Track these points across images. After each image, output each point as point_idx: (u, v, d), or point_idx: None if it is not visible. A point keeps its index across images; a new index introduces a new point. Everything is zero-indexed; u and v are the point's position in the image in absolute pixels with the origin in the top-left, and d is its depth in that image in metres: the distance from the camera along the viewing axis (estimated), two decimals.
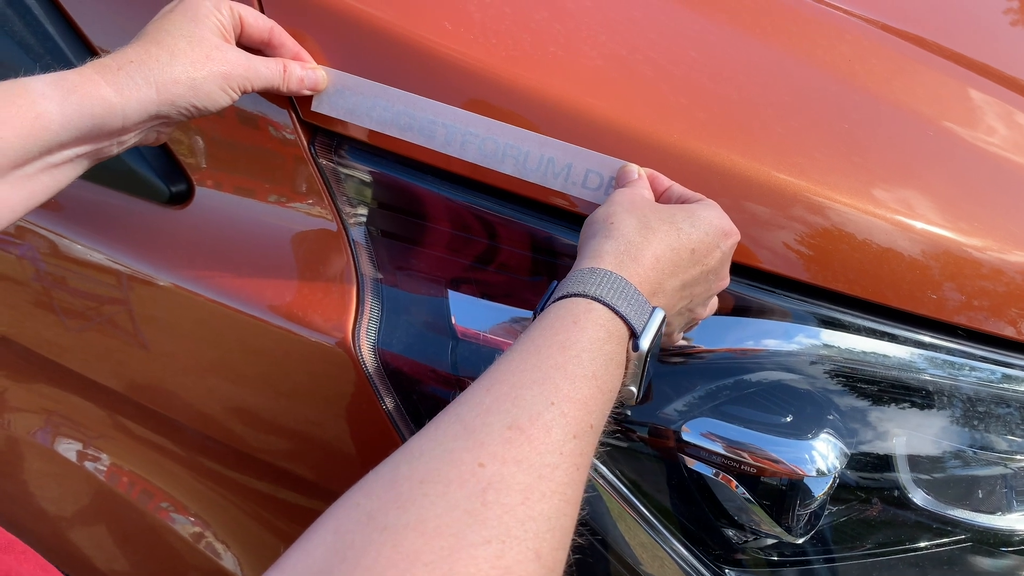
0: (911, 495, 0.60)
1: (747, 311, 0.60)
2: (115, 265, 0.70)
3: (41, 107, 0.48)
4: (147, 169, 0.68)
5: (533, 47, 0.62)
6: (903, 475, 0.60)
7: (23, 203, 0.52)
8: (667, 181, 0.57)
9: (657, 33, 0.67)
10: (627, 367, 0.47)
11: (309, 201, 0.65)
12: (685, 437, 0.58)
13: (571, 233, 0.60)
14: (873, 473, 0.60)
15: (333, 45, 0.62)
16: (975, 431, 0.61)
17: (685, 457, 0.59)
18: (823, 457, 0.57)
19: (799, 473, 0.56)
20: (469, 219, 0.63)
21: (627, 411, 0.60)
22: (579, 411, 0.40)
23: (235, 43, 0.58)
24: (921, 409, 0.60)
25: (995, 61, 0.82)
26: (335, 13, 0.61)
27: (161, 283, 0.68)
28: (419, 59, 0.60)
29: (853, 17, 0.80)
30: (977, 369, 0.61)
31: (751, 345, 0.59)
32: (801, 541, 0.59)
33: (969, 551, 0.62)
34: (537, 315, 0.47)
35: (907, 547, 0.61)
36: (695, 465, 0.59)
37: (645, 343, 0.46)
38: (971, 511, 0.61)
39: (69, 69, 0.51)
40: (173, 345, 0.71)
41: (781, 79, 0.67)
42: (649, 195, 0.55)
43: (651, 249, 0.49)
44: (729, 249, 0.53)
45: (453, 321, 0.62)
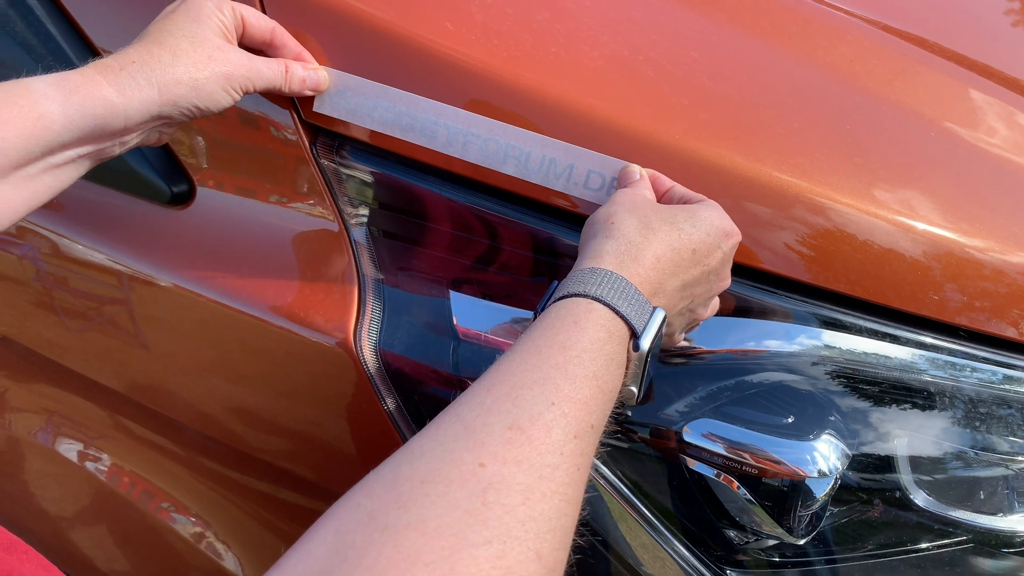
0: (912, 496, 0.60)
1: (748, 312, 0.60)
2: (116, 265, 0.70)
3: (43, 107, 0.48)
4: (149, 169, 0.68)
5: (535, 48, 0.62)
6: (904, 476, 0.60)
7: (25, 203, 0.52)
8: (669, 182, 0.57)
9: (658, 33, 0.67)
10: (628, 367, 0.47)
11: (311, 201, 0.65)
12: (686, 438, 0.58)
13: (573, 234, 0.60)
14: (874, 474, 0.60)
15: (335, 46, 0.62)
16: (976, 432, 0.61)
17: (686, 458, 0.59)
18: (824, 458, 0.56)
19: (800, 474, 0.56)
20: (470, 220, 0.63)
21: (628, 411, 0.60)
22: (580, 411, 0.40)
23: (237, 44, 0.58)
24: (922, 410, 0.60)
25: (996, 62, 0.82)
26: (337, 14, 0.61)
27: (162, 283, 0.68)
28: (421, 60, 0.60)
29: (854, 18, 0.80)
30: (978, 370, 0.61)
31: (752, 346, 0.59)
32: (802, 542, 0.59)
33: (970, 552, 0.62)
34: (538, 315, 0.47)
35: (908, 548, 0.61)
36: (696, 466, 0.59)
37: (646, 343, 0.46)
38: (972, 512, 0.61)
39: (71, 69, 0.51)
40: (174, 345, 0.71)
41: (782, 80, 0.67)
42: (651, 195, 0.55)
43: (652, 249, 0.49)
44: (730, 249, 0.53)
45: (454, 322, 0.62)
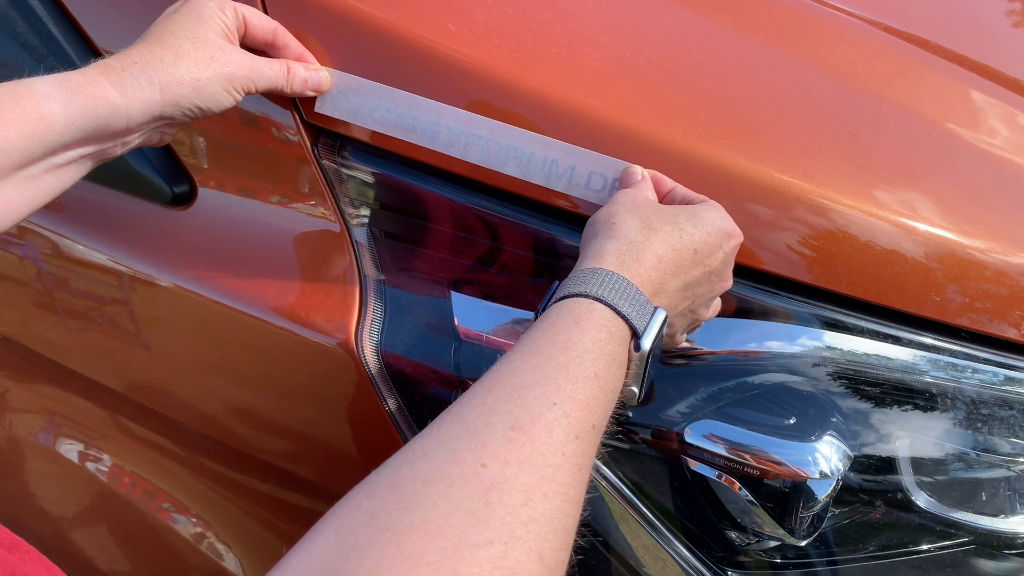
0: (914, 497, 0.60)
1: (750, 313, 0.60)
2: (117, 266, 0.70)
3: (45, 108, 0.48)
4: (150, 170, 0.68)
5: (536, 49, 0.62)
6: (906, 477, 0.60)
7: (27, 204, 0.52)
8: (671, 182, 0.57)
9: (659, 35, 0.67)
10: (629, 367, 0.47)
11: (312, 202, 0.65)
12: (688, 439, 0.58)
13: (575, 235, 0.60)
14: (876, 475, 0.60)
15: (336, 46, 0.62)
16: (978, 433, 0.61)
17: (688, 459, 0.59)
18: (826, 459, 0.56)
19: (802, 475, 0.56)
20: (472, 220, 0.63)
21: (629, 412, 0.60)
22: (581, 411, 0.40)
23: (239, 44, 0.58)
24: (924, 411, 0.60)
25: (997, 63, 0.82)
26: (338, 14, 0.61)
27: (163, 284, 0.68)
28: (422, 60, 0.60)
29: (855, 18, 0.80)
30: (980, 371, 0.61)
31: (754, 347, 0.59)
32: (804, 543, 0.59)
33: (972, 554, 0.62)
34: (539, 315, 0.47)
35: (910, 549, 0.61)
36: (698, 467, 0.58)
37: (647, 343, 0.46)
38: (974, 513, 0.61)
39: (73, 70, 0.51)
40: (175, 346, 0.71)
41: (783, 81, 0.67)
42: (652, 196, 0.55)
43: (653, 249, 0.49)
44: (732, 250, 0.53)
45: (456, 322, 0.62)
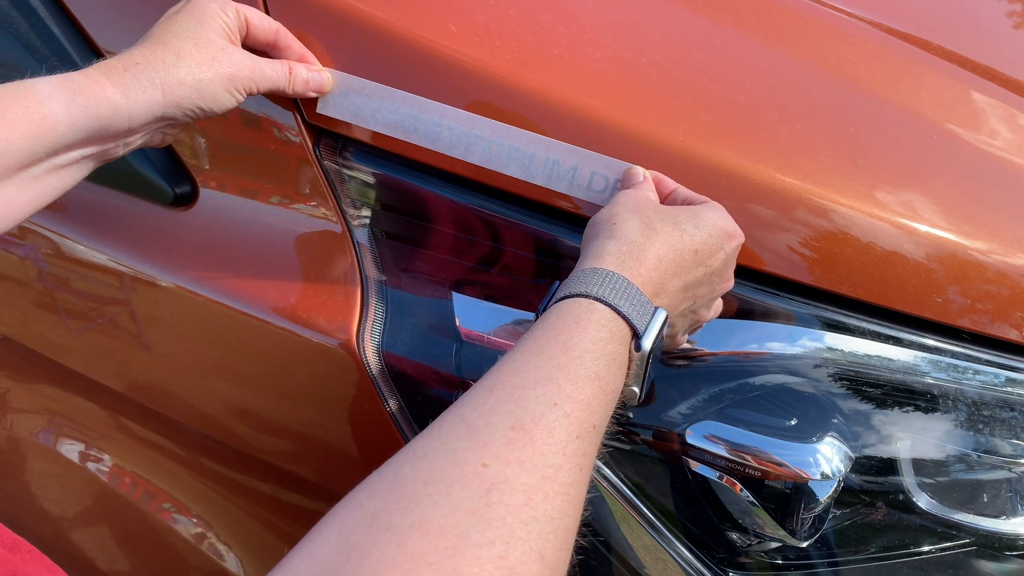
0: (915, 499, 0.60)
1: (751, 314, 0.60)
2: (118, 266, 0.70)
3: (47, 108, 0.48)
4: (152, 171, 0.68)
5: (538, 50, 0.62)
6: (907, 479, 0.60)
7: (29, 204, 0.52)
8: (672, 183, 0.57)
9: (661, 36, 0.67)
10: (630, 367, 0.47)
11: (313, 203, 0.65)
12: (689, 440, 0.58)
13: (576, 236, 0.60)
14: (877, 477, 0.60)
15: (338, 47, 0.62)
16: (979, 435, 0.61)
17: (689, 460, 0.59)
18: (827, 460, 0.56)
19: (803, 476, 0.56)
20: (473, 221, 0.63)
21: (630, 413, 0.60)
22: (582, 412, 0.40)
23: (241, 45, 0.58)
24: (925, 413, 0.60)
25: (999, 64, 0.82)
26: (340, 15, 0.61)
27: (165, 284, 0.68)
28: (424, 61, 0.60)
29: (856, 20, 0.80)
30: (981, 372, 0.61)
31: (755, 348, 0.59)
32: (805, 545, 0.59)
33: (973, 555, 0.62)
34: (539, 315, 0.47)
35: (911, 551, 0.61)
36: (699, 468, 0.58)
37: (647, 343, 0.46)
38: (975, 515, 0.61)
39: (75, 71, 0.51)
40: (176, 346, 0.71)
41: (784, 82, 0.67)
42: (654, 197, 0.55)
43: (653, 250, 0.49)
44: (733, 251, 0.53)
45: (457, 323, 0.62)
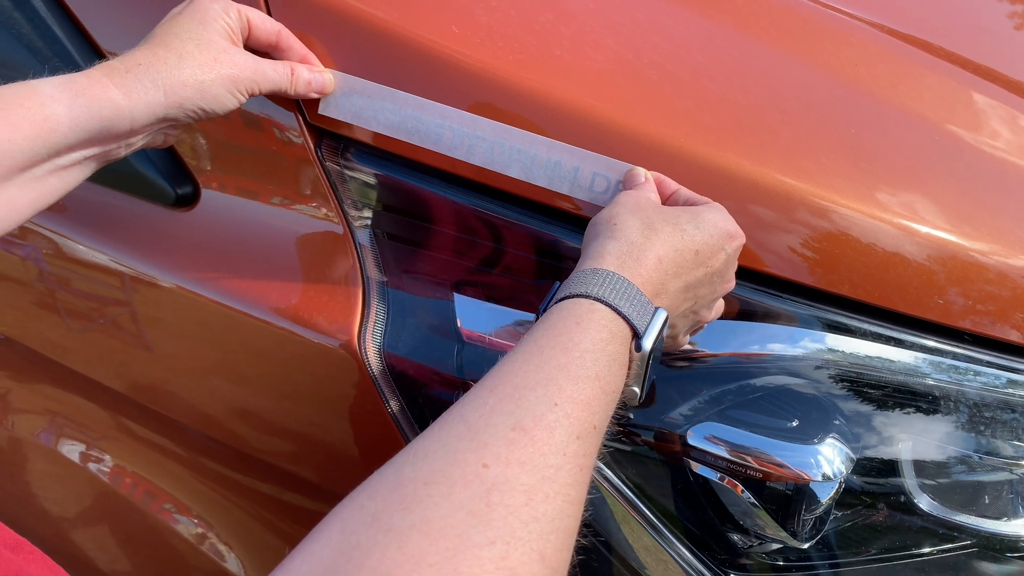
0: (916, 500, 0.60)
1: (752, 315, 0.60)
2: (119, 267, 0.70)
3: (49, 109, 0.49)
4: (153, 171, 0.68)
5: (539, 51, 0.62)
6: (908, 480, 0.60)
7: (31, 205, 0.52)
8: (674, 184, 0.57)
9: (662, 37, 0.67)
10: (630, 368, 0.47)
11: (315, 204, 0.65)
12: (690, 441, 0.58)
13: (578, 237, 0.60)
14: (878, 478, 0.60)
15: (340, 48, 0.62)
16: (981, 436, 0.61)
17: (690, 461, 0.59)
18: (829, 462, 0.56)
19: (804, 478, 0.56)
20: (475, 222, 0.63)
21: (630, 414, 0.60)
22: (582, 412, 0.40)
23: (243, 46, 0.59)
24: (927, 414, 0.60)
25: (1000, 65, 0.82)
26: (342, 16, 0.61)
27: (166, 285, 0.68)
28: (426, 62, 0.60)
29: (858, 21, 0.80)
30: (982, 374, 0.61)
31: (756, 349, 0.59)
32: (806, 546, 0.59)
33: (975, 557, 0.61)
34: (540, 316, 0.47)
35: (912, 552, 0.61)
36: (700, 469, 0.58)
37: (648, 343, 0.46)
38: (977, 516, 0.61)
39: (77, 72, 0.51)
40: (177, 346, 0.71)
41: (786, 83, 0.67)
42: (655, 198, 0.55)
43: (654, 250, 0.49)
44: (734, 251, 0.53)
45: (459, 324, 0.62)
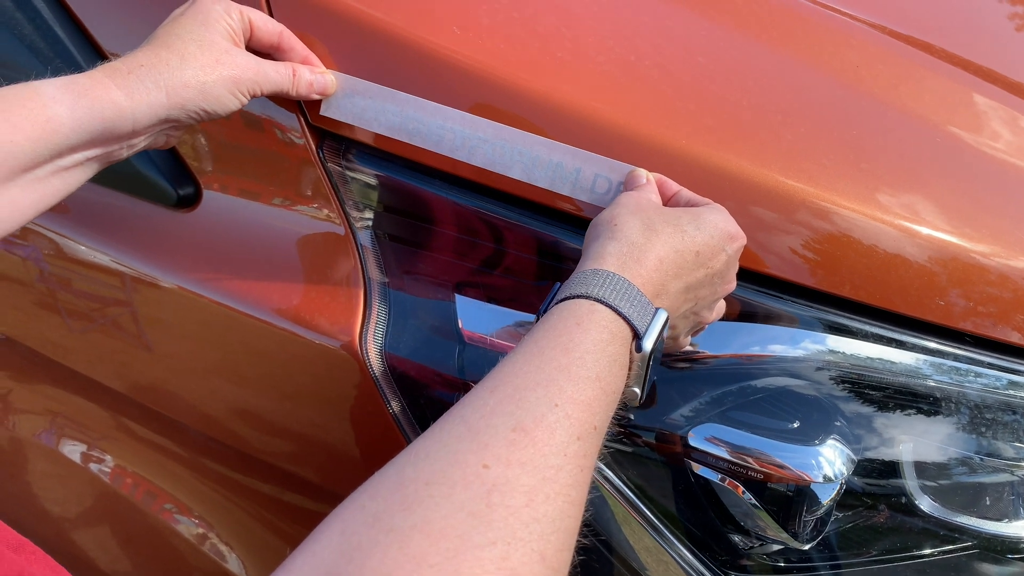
0: (918, 501, 0.60)
1: (753, 316, 0.60)
2: (121, 267, 0.70)
3: (52, 111, 0.49)
4: (155, 172, 0.68)
5: (541, 52, 0.62)
6: (910, 481, 0.60)
7: (33, 206, 0.52)
8: (675, 186, 0.57)
9: (664, 38, 0.67)
10: (630, 368, 0.47)
11: (316, 205, 0.65)
12: (691, 442, 0.58)
13: (579, 238, 0.60)
14: (880, 479, 0.60)
15: (342, 49, 0.62)
16: (982, 438, 0.61)
17: (691, 462, 0.59)
18: (830, 463, 0.56)
19: (806, 479, 0.56)
20: (477, 223, 0.63)
21: (631, 414, 0.60)
22: (583, 413, 0.40)
23: (245, 47, 0.59)
24: (928, 415, 0.60)
25: (1001, 66, 0.82)
26: (344, 17, 0.61)
27: (167, 285, 0.68)
28: (428, 64, 0.60)
29: (859, 22, 0.80)
30: (983, 375, 0.61)
31: (757, 351, 0.59)
32: (807, 547, 0.59)
33: (976, 558, 0.61)
34: (540, 316, 0.47)
35: (913, 554, 0.61)
36: (701, 470, 0.58)
37: (648, 344, 0.46)
38: (978, 518, 0.61)
39: (79, 73, 0.51)
40: (178, 347, 0.71)
41: (788, 85, 0.67)
42: (656, 199, 0.55)
43: (654, 251, 0.49)
44: (735, 253, 0.53)
45: (460, 325, 0.62)
